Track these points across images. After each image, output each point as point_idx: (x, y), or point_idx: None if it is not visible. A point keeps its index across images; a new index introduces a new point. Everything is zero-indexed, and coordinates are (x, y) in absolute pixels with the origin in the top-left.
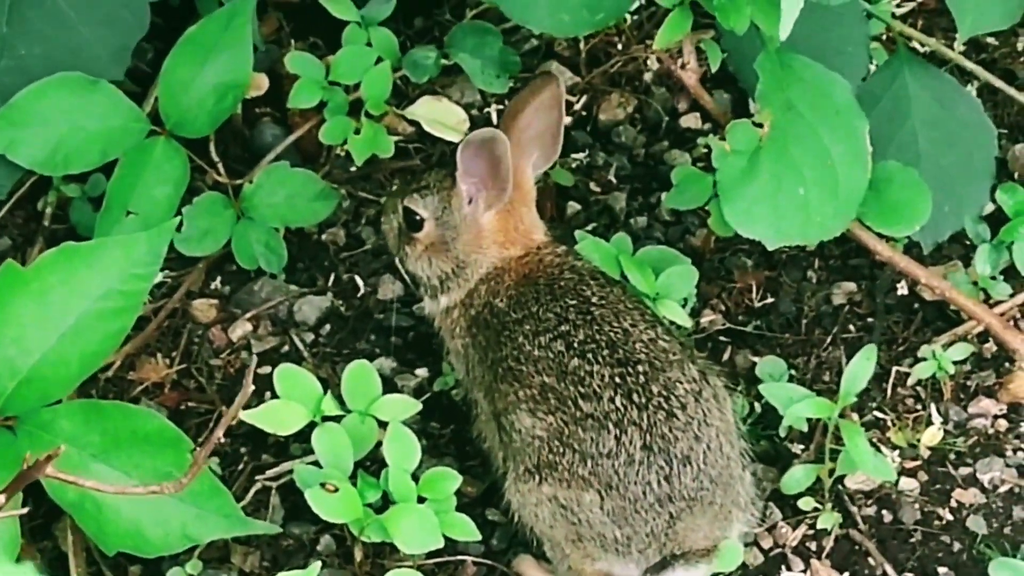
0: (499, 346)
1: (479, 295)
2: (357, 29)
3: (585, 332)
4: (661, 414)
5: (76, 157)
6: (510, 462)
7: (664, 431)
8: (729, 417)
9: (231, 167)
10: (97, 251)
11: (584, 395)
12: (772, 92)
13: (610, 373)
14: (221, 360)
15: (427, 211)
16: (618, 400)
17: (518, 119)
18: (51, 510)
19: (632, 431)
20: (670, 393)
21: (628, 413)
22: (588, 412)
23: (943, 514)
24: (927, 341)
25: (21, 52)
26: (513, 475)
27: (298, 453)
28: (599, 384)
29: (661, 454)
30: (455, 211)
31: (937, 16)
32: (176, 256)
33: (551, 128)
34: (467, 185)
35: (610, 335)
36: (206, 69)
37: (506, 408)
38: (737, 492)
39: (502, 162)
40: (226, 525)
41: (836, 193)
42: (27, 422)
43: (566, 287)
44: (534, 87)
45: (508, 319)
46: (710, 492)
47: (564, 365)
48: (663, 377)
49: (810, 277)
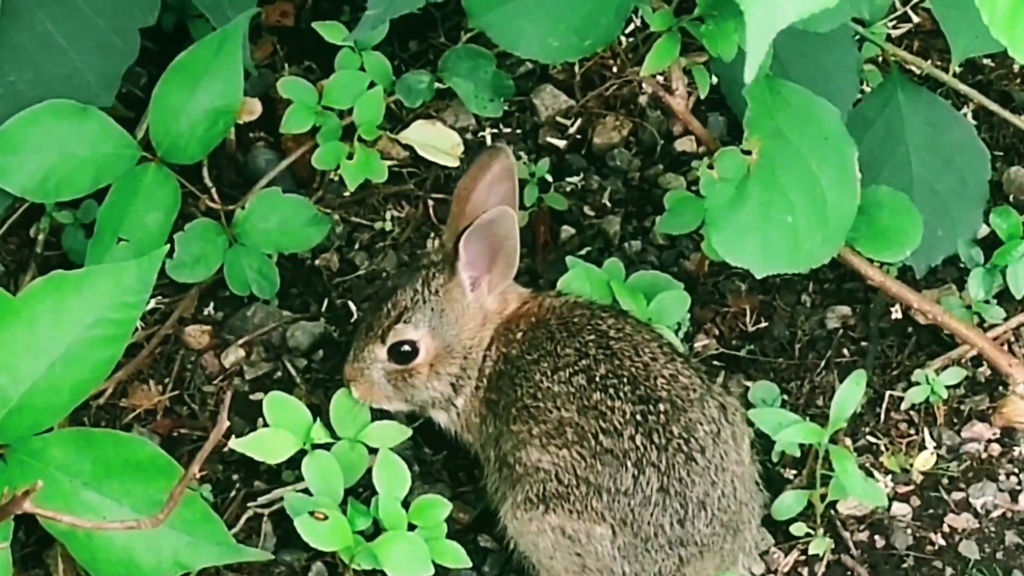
0: (513, 389)
1: (488, 363)
2: (350, 53)
3: (607, 367)
4: (680, 456)
5: (67, 184)
6: (508, 491)
7: (682, 474)
8: (746, 458)
9: (225, 192)
10: (87, 279)
11: (605, 430)
12: (761, 118)
13: (632, 410)
14: (214, 386)
15: (420, 331)
16: (638, 439)
17: (471, 198)
18: (43, 537)
19: (650, 472)
20: (690, 435)
21: (647, 453)
22: (608, 447)
23: (936, 539)
24: (921, 365)
25: (10, 78)
26: (511, 502)
27: (290, 480)
28: (620, 420)
29: (677, 497)
30: (456, 306)
31: (932, 38)
32: (168, 282)
33: (506, 199)
34: (468, 273)
35: (631, 370)
36: (197, 95)
37: (515, 447)
38: (745, 538)
39: (510, 239)
40: (218, 552)
41: (825, 220)
42: (18, 450)
43: (580, 323)
44: (482, 163)
45: (523, 361)
46: (721, 538)
47: (586, 398)
48: (684, 418)
49: (804, 301)
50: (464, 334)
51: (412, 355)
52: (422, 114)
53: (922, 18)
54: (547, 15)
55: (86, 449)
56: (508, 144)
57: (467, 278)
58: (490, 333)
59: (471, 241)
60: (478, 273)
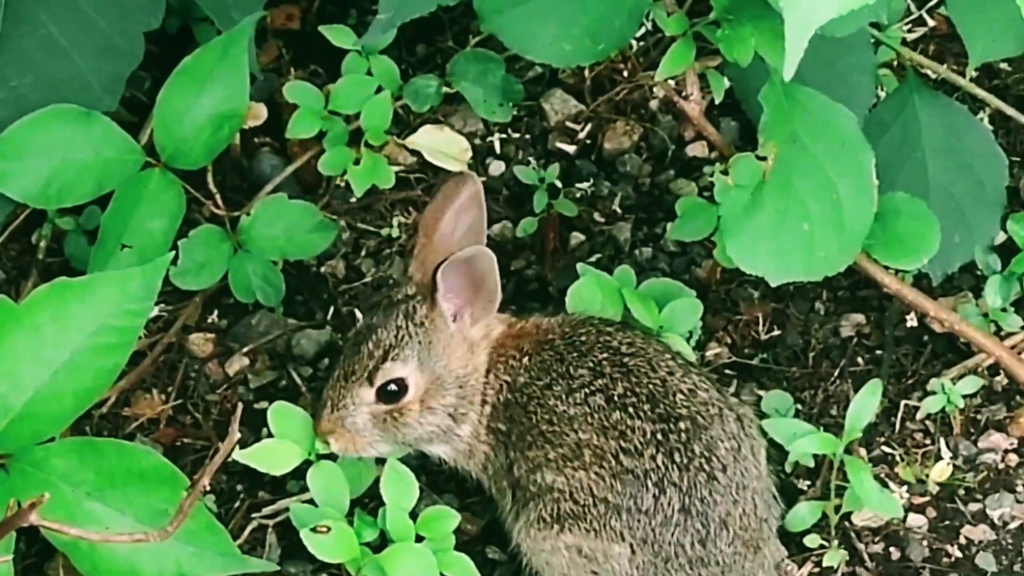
0: (527, 417)
1: (494, 386)
2: (357, 57)
3: (623, 385)
4: (702, 476)
5: (70, 190)
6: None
7: (704, 494)
8: (764, 472)
9: (230, 198)
10: (90, 286)
11: (626, 450)
12: (776, 124)
13: (652, 429)
14: (218, 395)
15: (409, 366)
16: (659, 459)
17: (439, 227)
18: (44, 548)
19: (671, 492)
20: (712, 454)
21: (668, 473)
22: (629, 467)
23: (952, 551)
24: (936, 374)
25: (12, 82)
26: (523, 520)
27: (295, 490)
28: (640, 441)
29: (699, 517)
30: (440, 336)
31: (948, 42)
32: (172, 289)
33: (474, 227)
34: (448, 304)
35: (649, 387)
36: (202, 99)
37: (530, 471)
38: (764, 555)
39: (488, 275)
40: (223, 563)
41: (841, 228)
42: (20, 460)
43: (589, 341)
44: (448, 191)
45: (534, 387)
46: (742, 557)
47: (605, 419)
48: (705, 436)
49: (818, 309)
50: (453, 363)
51: (402, 393)
52: (430, 119)
53: (937, 22)
54: (560, 18)
55: (89, 459)
56: (517, 150)
57: (448, 308)
58: (483, 359)
59: (448, 274)
60: (460, 303)
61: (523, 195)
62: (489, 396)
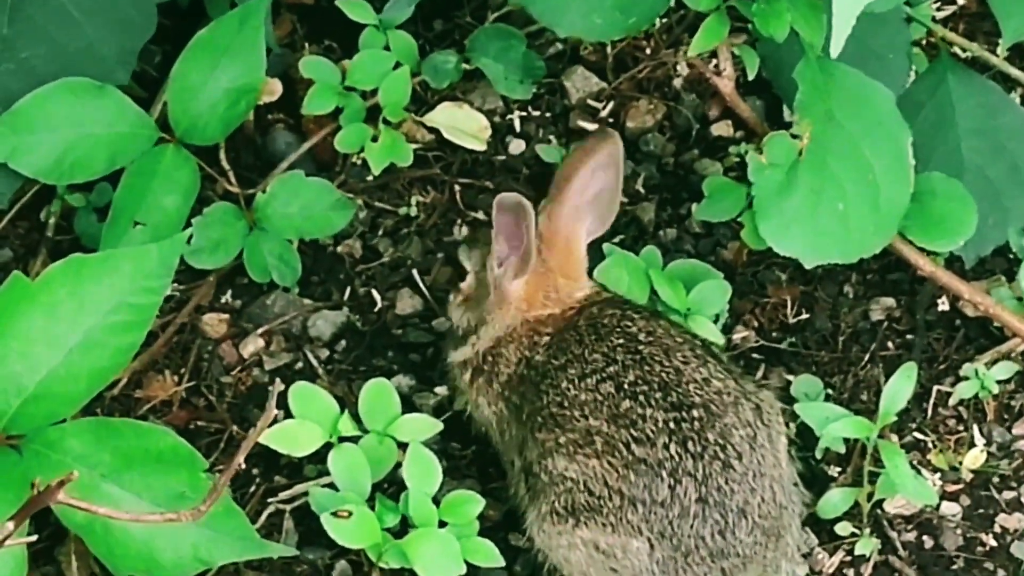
0: (539, 396)
1: (508, 358)
2: (375, 32)
3: (635, 373)
4: (717, 464)
5: (82, 165)
6: (533, 501)
7: (720, 483)
8: (784, 460)
9: (242, 176)
10: (107, 263)
11: (637, 439)
12: (812, 102)
13: (664, 418)
14: (232, 377)
15: (469, 264)
16: (672, 448)
17: (572, 182)
18: (54, 533)
19: (687, 482)
20: (726, 441)
21: (683, 462)
22: (641, 457)
23: (986, 540)
24: (969, 359)
25: (23, 54)
26: (536, 513)
27: (312, 474)
28: (652, 429)
29: (717, 508)
30: (488, 271)
31: (979, 20)
32: (185, 268)
33: (608, 190)
34: (500, 246)
35: (662, 376)
36: (218, 73)
37: (541, 455)
38: (787, 543)
39: (527, 232)
40: (241, 548)
41: (877, 208)
42: (34, 441)
43: (610, 325)
44: (589, 146)
45: (549, 367)
46: (763, 546)
47: (615, 407)
48: (719, 424)
49: (847, 292)
50: (486, 302)
51: (462, 276)
52: (448, 96)
53: (967, 0)
54: None
55: (105, 440)
56: (537, 128)
57: (497, 250)
58: (509, 321)
59: (499, 214)
60: (506, 250)
61: (544, 174)
62: (500, 367)
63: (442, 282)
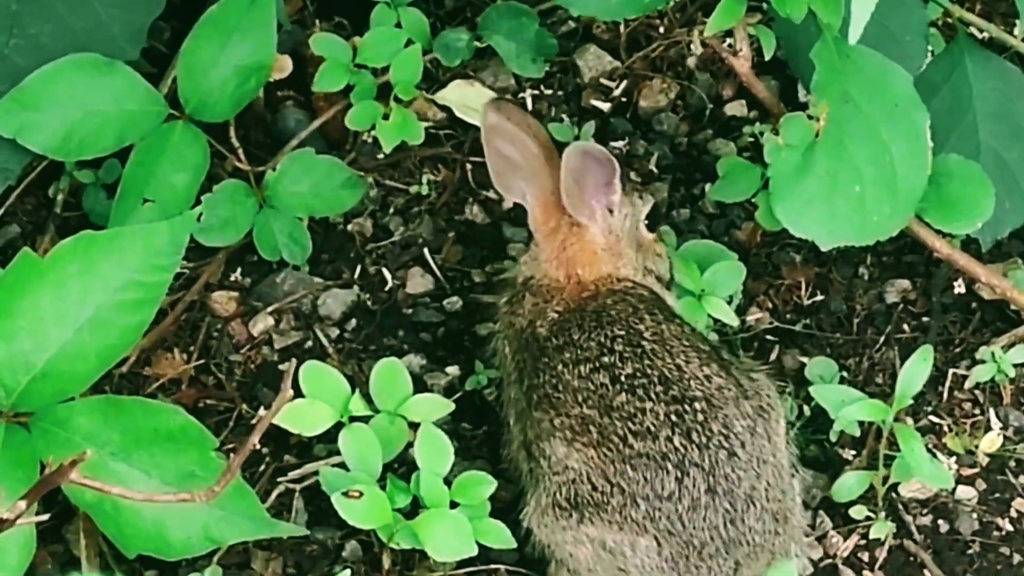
0: (536, 373)
1: (524, 316)
2: (386, 9)
3: (634, 366)
4: (723, 453)
5: (91, 142)
6: (534, 487)
7: (727, 471)
8: (781, 445)
9: (252, 153)
10: (117, 240)
11: (636, 432)
12: (829, 83)
13: (665, 411)
14: (241, 356)
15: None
16: (676, 440)
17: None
18: (63, 511)
19: (695, 473)
20: (729, 431)
21: (688, 453)
22: (641, 451)
23: (1002, 524)
24: (986, 342)
25: (32, 30)
26: (535, 503)
27: (323, 454)
28: (654, 422)
29: (726, 496)
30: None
31: (996, 0)
32: (195, 246)
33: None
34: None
35: (663, 370)
36: (228, 50)
37: (539, 436)
38: (793, 526)
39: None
40: (251, 527)
41: (894, 191)
42: (42, 419)
43: (616, 317)
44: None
45: (548, 345)
46: (772, 532)
47: (609, 399)
48: (721, 415)
49: (862, 274)
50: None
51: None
52: (460, 74)
53: None
54: None
55: (114, 418)
56: (549, 107)
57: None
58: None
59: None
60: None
61: None
62: (517, 316)
63: (453, 261)
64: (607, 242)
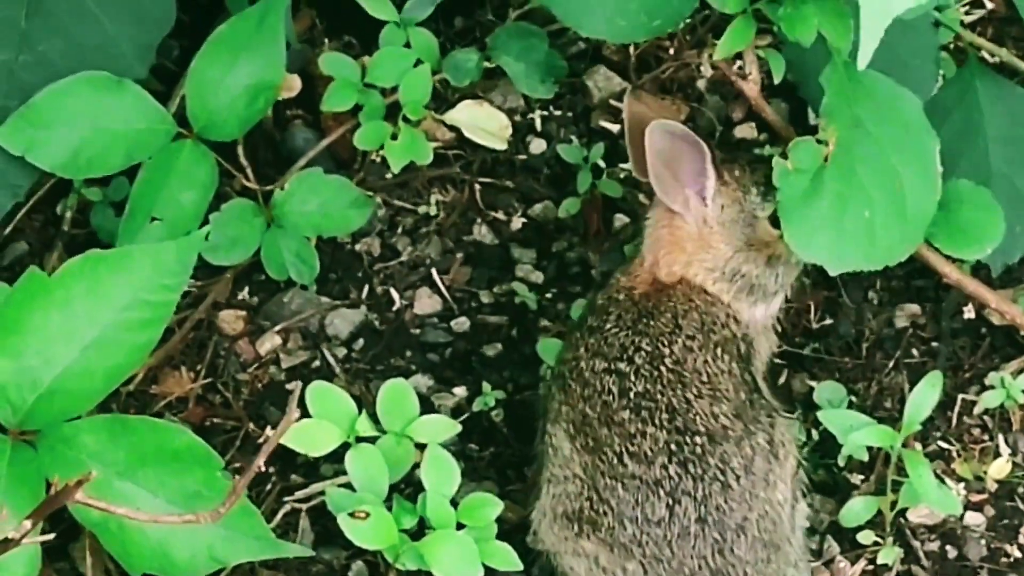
0: (567, 345)
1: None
2: (395, 29)
3: (646, 386)
4: (716, 485)
5: (99, 160)
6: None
7: (719, 502)
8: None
9: (260, 172)
10: (124, 259)
11: (633, 454)
12: (838, 107)
13: (665, 439)
14: (248, 375)
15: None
16: (672, 468)
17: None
18: (69, 530)
19: (686, 502)
20: (726, 465)
21: (683, 483)
22: (635, 473)
23: (1011, 551)
24: (995, 368)
25: (41, 47)
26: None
27: (329, 474)
28: (651, 448)
29: (716, 527)
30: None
31: (1008, 25)
32: (202, 265)
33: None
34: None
35: (672, 399)
36: (237, 69)
37: (548, 413)
38: (787, 553)
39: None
40: (257, 547)
41: (904, 216)
42: (48, 437)
43: (653, 330)
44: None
45: (585, 320)
46: (764, 561)
47: (612, 412)
48: (719, 450)
49: (871, 298)
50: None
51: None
52: (469, 94)
53: (996, 4)
54: None
55: (120, 437)
56: (559, 128)
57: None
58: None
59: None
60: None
61: (565, 175)
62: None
63: (461, 282)
64: (700, 233)
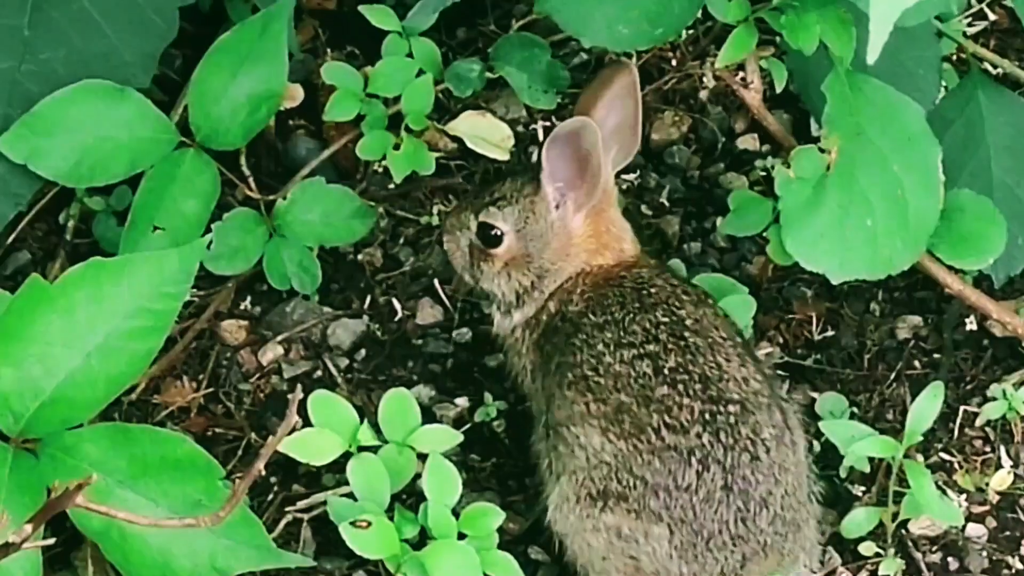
0: (569, 350)
1: (549, 308)
2: (398, 39)
3: (677, 359)
4: (746, 456)
5: (102, 169)
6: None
7: (746, 473)
8: (803, 459)
9: (262, 182)
10: (127, 267)
11: (669, 426)
12: (840, 116)
13: (700, 408)
14: (250, 384)
15: (507, 224)
16: (706, 437)
17: (592, 115)
18: (71, 538)
19: (715, 469)
20: (756, 437)
21: (714, 451)
22: (671, 444)
23: (1012, 563)
24: (997, 380)
25: (44, 56)
26: (560, 496)
27: (331, 484)
28: (687, 418)
29: (740, 496)
30: (540, 219)
31: (1011, 36)
32: (205, 274)
33: (629, 119)
34: (553, 188)
35: (704, 368)
36: (239, 79)
37: (570, 418)
38: (805, 536)
39: (592, 154)
40: (258, 557)
41: (906, 225)
42: (50, 445)
43: (657, 298)
44: (604, 78)
45: (585, 321)
46: (783, 536)
47: (650, 390)
48: (752, 420)
49: (873, 310)
50: (547, 252)
51: (496, 241)
52: (471, 105)
53: (999, 15)
54: (618, 1)
55: (122, 445)
56: None
57: (550, 192)
58: (576, 265)
59: (554, 150)
60: (561, 190)
61: None
62: (543, 316)
63: (464, 292)
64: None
